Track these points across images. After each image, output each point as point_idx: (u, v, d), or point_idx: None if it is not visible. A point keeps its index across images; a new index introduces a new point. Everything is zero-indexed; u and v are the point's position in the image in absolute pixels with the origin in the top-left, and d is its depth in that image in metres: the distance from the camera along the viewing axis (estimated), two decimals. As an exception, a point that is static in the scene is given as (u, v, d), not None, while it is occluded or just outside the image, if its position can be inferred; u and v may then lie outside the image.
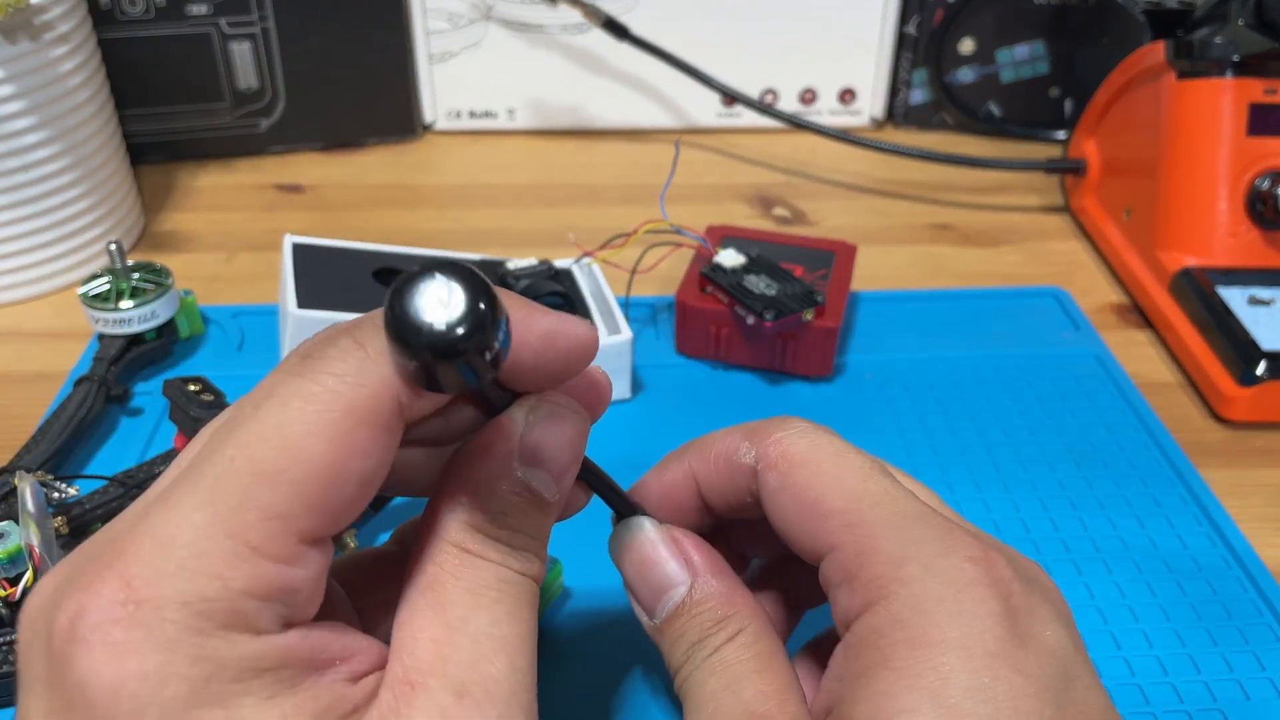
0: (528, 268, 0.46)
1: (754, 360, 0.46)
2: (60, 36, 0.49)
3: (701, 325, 0.45)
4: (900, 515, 0.23)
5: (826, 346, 0.44)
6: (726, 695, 0.24)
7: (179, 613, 0.17)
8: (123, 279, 0.44)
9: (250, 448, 0.18)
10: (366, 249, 0.46)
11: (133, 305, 0.43)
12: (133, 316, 0.43)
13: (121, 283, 0.44)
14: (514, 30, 0.67)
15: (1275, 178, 0.48)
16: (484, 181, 0.65)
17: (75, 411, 0.40)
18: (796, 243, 0.49)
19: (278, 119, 0.66)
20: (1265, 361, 0.43)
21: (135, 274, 0.45)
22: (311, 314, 0.40)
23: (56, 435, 0.39)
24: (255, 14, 0.62)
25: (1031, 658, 0.21)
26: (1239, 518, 0.39)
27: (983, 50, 0.68)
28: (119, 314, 0.43)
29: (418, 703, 0.19)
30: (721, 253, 0.46)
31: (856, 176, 0.66)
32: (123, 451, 0.41)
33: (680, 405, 0.44)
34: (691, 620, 0.25)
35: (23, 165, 0.49)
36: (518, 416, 0.21)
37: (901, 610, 0.22)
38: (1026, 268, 0.56)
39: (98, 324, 0.44)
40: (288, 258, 0.43)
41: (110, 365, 0.43)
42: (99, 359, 0.43)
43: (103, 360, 0.43)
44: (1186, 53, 0.50)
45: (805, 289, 0.44)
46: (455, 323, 0.17)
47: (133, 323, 0.43)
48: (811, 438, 0.25)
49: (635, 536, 0.26)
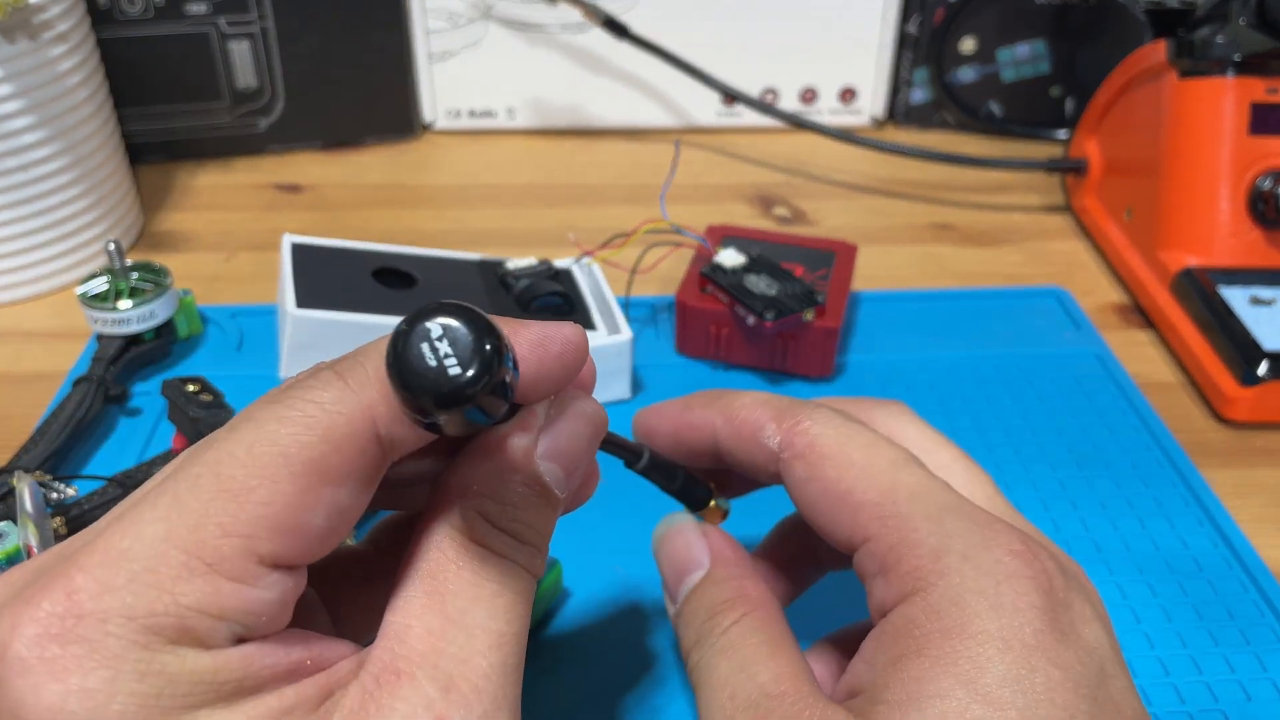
0: (527, 268, 0.46)
1: (754, 360, 0.45)
2: (59, 36, 0.49)
3: (702, 325, 0.45)
4: (937, 507, 0.23)
5: (827, 346, 0.44)
6: (741, 678, 0.23)
7: (123, 627, 0.17)
8: (121, 279, 0.44)
9: (219, 465, 0.18)
10: (366, 249, 0.46)
11: (131, 305, 0.43)
12: (131, 316, 0.43)
13: (120, 282, 0.44)
14: (514, 29, 0.67)
15: (1277, 177, 0.48)
16: (483, 181, 0.65)
17: (74, 412, 0.40)
18: (797, 242, 0.49)
19: (277, 118, 0.66)
20: (1267, 361, 0.43)
21: (134, 274, 0.45)
22: (311, 314, 0.40)
23: (55, 435, 0.39)
24: (254, 13, 0.62)
25: (1070, 652, 0.21)
26: (1241, 518, 0.39)
27: (984, 49, 0.68)
28: (117, 314, 0.43)
29: (402, 693, 0.18)
30: (722, 252, 0.46)
31: (857, 176, 0.65)
32: (121, 452, 0.41)
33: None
34: (704, 598, 0.25)
35: (21, 165, 0.49)
36: (539, 410, 0.21)
37: (940, 601, 0.21)
38: (1027, 267, 0.56)
39: (96, 324, 0.44)
40: (286, 258, 0.43)
41: (109, 365, 0.43)
42: (97, 359, 0.43)
43: (101, 360, 0.43)
44: (1188, 52, 0.50)
45: (806, 289, 0.44)
46: (462, 370, 0.17)
47: (131, 323, 0.43)
48: (840, 428, 0.25)
49: (671, 527, 0.28)
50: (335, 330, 0.41)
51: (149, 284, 0.44)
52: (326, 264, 0.44)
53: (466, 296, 0.44)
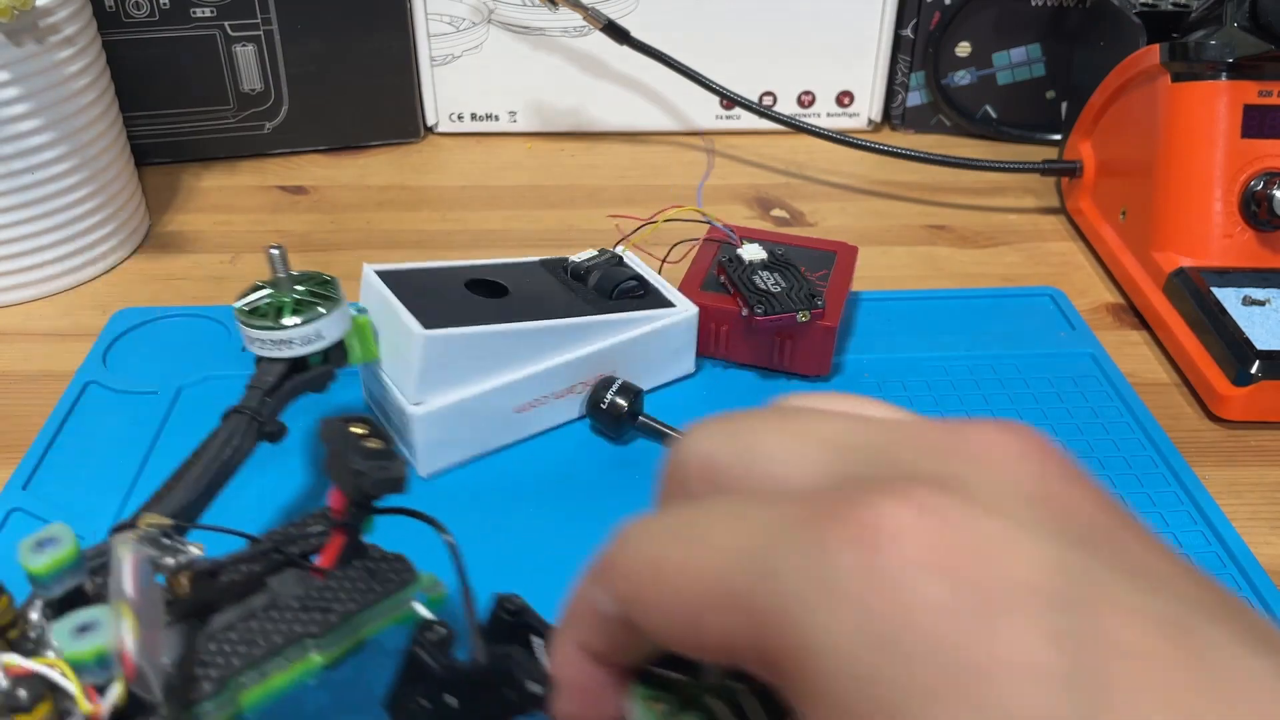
0: (592, 259, 0.47)
1: (754, 358, 0.46)
2: (66, 39, 0.50)
3: (704, 322, 0.46)
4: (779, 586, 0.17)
5: (825, 346, 0.45)
6: None
7: None
8: (285, 291, 0.35)
9: None
10: (442, 266, 0.45)
11: (298, 322, 0.34)
12: (294, 337, 0.34)
13: (282, 296, 0.35)
14: (515, 33, 0.67)
15: (1269, 179, 0.49)
16: (485, 183, 0.65)
17: (220, 451, 0.31)
18: (799, 243, 0.50)
19: (281, 121, 0.66)
20: (1259, 361, 0.44)
21: (299, 285, 0.35)
22: (442, 333, 0.39)
23: (197, 479, 0.30)
24: (259, 17, 0.62)
25: None
26: (1234, 517, 0.39)
27: (979, 53, 0.68)
28: (279, 333, 0.34)
29: None
30: (747, 246, 0.47)
31: (854, 178, 0.66)
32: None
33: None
34: None
35: (28, 166, 0.49)
36: None
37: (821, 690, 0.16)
38: (1023, 268, 0.57)
39: (253, 344, 0.35)
40: (380, 286, 0.41)
41: (265, 396, 0.33)
42: (253, 387, 0.34)
43: (257, 389, 0.33)
44: (1181, 55, 0.51)
45: (810, 291, 0.44)
46: None
47: (294, 344, 0.34)
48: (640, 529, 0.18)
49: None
50: (466, 345, 0.40)
51: (316, 297, 0.35)
52: (418, 286, 0.42)
53: (550, 296, 0.44)
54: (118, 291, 0.53)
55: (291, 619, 0.25)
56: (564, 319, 0.42)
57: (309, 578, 0.27)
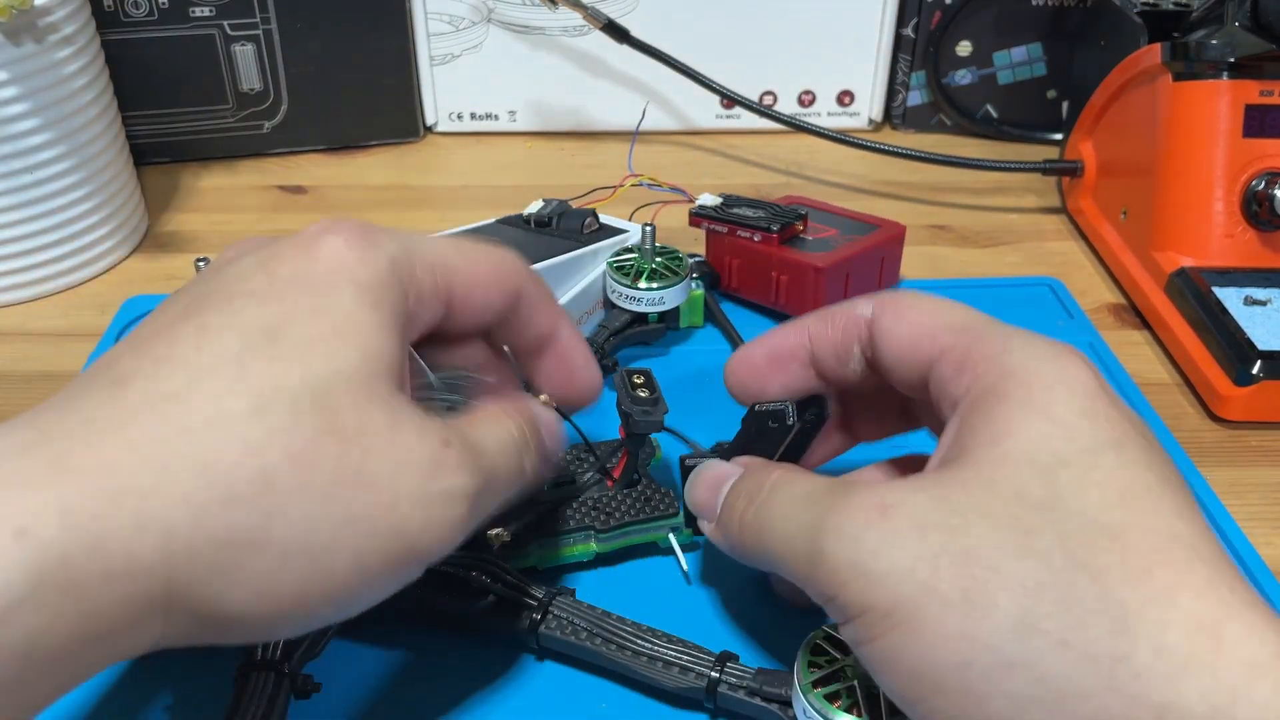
0: (542, 208, 0.49)
1: (756, 294, 0.49)
2: (65, 38, 0.49)
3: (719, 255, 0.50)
4: (1003, 326, 0.28)
5: (818, 285, 0.47)
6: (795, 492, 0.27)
7: None
8: (647, 260, 0.46)
9: None
10: None
11: (654, 286, 0.45)
12: (643, 296, 0.45)
13: (645, 263, 0.46)
14: (515, 33, 0.67)
15: (1271, 179, 0.49)
16: (485, 183, 0.65)
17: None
18: (849, 215, 0.52)
19: (280, 120, 0.66)
20: (1261, 361, 0.44)
21: (659, 258, 0.47)
22: None
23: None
24: (258, 16, 0.62)
25: (1121, 408, 0.25)
26: (1236, 516, 0.39)
27: (980, 52, 0.68)
28: (634, 291, 0.45)
29: None
30: (701, 196, 0.50)
31: (854, 178, 0.66)
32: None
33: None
34: (744, 483, 0.29)
35: (27, 166, 0.49)
36: None
37: (1013, 365, 0.26)
38: (1023, 268, 0.57)
39: (613, 295, 0.46)
40: None
41: (610, 336, 0.46)
42: (603, 326, 0.46)
43: (605, 328, 0.46)
44: (1183, 54, 0.50)
45: (786, 209, 0.48)
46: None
47: (641, 302, 0.46)
48: (920, 294, 0.30)
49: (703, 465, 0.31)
50: None
51: (669, 270, 0.46)
52: None
53: (533, 245, 0.47)
54: (117, 291, 0.53)
55: (584, 513, 0.35)
56: (561, 256, 0.45)
57: (604, 484, 0.36)
